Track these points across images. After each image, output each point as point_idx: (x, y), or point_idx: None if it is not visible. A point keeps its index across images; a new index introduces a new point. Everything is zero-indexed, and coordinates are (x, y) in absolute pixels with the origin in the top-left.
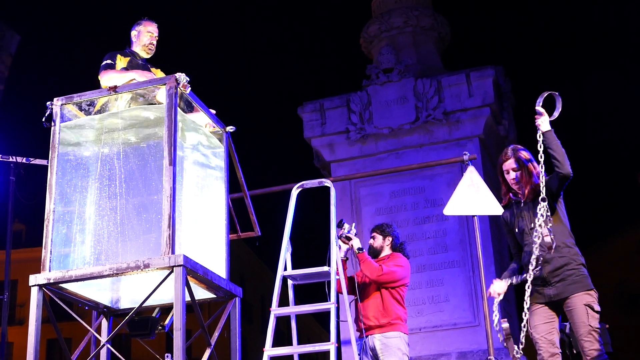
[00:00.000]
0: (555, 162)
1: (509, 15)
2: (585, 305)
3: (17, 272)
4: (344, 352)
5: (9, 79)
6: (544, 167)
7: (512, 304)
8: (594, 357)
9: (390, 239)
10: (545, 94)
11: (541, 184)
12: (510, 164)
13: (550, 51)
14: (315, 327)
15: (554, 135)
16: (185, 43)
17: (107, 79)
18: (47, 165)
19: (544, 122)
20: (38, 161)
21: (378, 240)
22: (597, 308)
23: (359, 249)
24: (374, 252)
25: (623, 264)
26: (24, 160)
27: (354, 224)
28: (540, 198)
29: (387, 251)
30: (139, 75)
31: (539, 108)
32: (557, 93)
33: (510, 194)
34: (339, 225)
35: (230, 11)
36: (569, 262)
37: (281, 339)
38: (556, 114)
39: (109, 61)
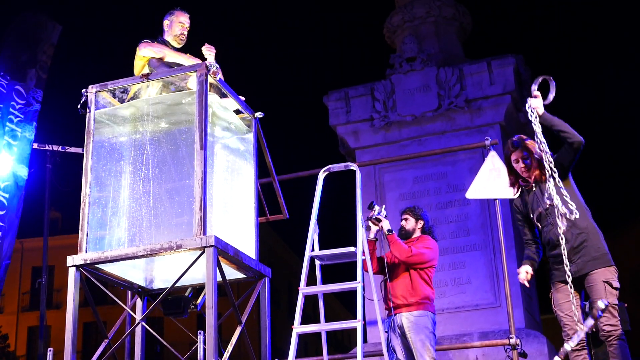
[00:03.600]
0: (564, 135)
1: (529, 4)
2: (603, 282)
3: (54, 258)
4: (371, 332)
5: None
6: (545, 145)
7: (532, 286)
8: (609, 331)
9: (422, 222)
10: (540, 79)
11: (545, 162)
12: (518, 153)
13: (569, 40)
14: (339, 309)
15: (550, 115)
16: (215, 32)
17: (144, 49)
18: (82, 153)
19: (539, 106)
20: (73, 149)
21: (410, 223)
22: (616, 285)
23: (388, 230)
24: (406, 234)
25: None
26: (59, 149)
27: (383, 207)
28: (548, 175)
29: (417, 233)
30: (169, 51)
31: (535, 92)
32: (550, 77)
33: (520, 181)
34: (370, 207)
35: (258, 1)
36: (587, 238)
37: (308, 321)
38: (551, 98)
39: (147, 39)
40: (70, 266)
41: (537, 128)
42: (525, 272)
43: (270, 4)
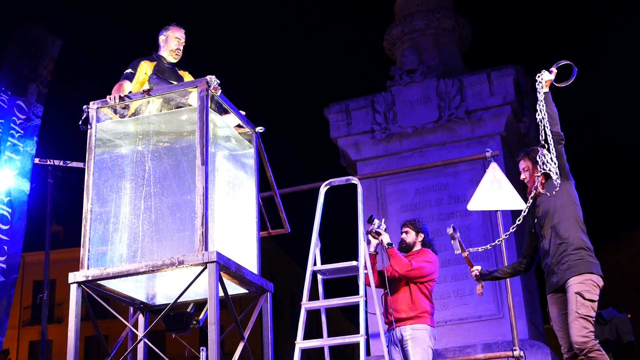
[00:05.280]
0: (549, 121)
1: (528, 15)
2: (575, 294)
3: (55, 272)
4: (373, 345)
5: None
6: (545, 116)
7: (535, 296)
8: (579, 343)
9: (423, 235)
10: (564, 62)
11: (540, 126)
12: (520, 164)
13: (569, 50)
14: (343, 322)
15: (551, 98)
16: (215, 46)
17: (114, 88)
18: (83, 168)
19: (548, 82)
20: (74, 164)
21: (411, 236)
22: (590, 296)
23: (388, 244)
24: (406, 247)
25: None
26: (61, 163)
27: (383, 220)
28: (539, 145)
29: (417, 247)
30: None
31: (553, 69)
32: (574, 66)
33: (527, 192)
34: (369, 220)
35: (258, 15)
36: (567, 248)
37: (310, 333)
38: (568, 82)
39: (129, 70)
40: (72, 283)
41: (540, 97)
42: (476, 270)
43: (270, 17)
